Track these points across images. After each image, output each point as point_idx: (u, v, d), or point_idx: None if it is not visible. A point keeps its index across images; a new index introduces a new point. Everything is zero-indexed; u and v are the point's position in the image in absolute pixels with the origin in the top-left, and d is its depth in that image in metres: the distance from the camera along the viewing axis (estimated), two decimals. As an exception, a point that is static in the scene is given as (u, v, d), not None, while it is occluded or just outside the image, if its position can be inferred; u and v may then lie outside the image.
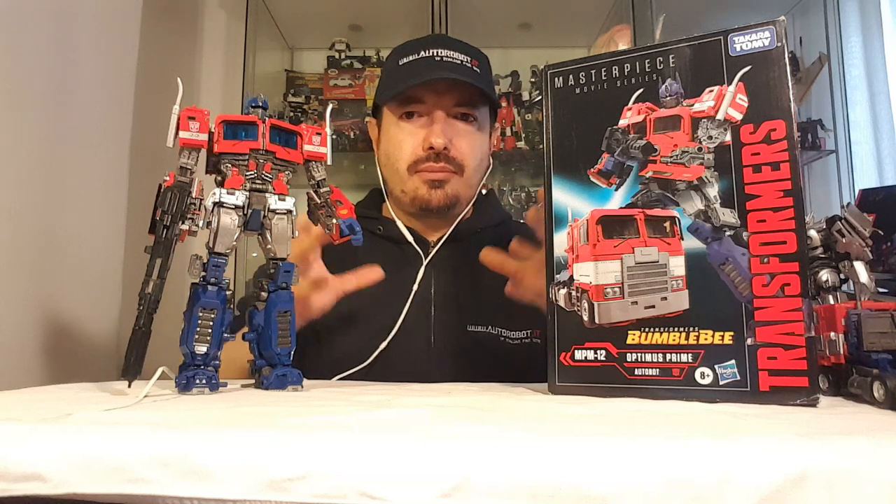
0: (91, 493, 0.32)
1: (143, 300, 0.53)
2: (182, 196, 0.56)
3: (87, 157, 0.98)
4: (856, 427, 0.41)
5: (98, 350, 0.99)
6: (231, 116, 0.60)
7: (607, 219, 0.58)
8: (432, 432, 0.37)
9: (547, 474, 0.31)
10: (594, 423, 0.42)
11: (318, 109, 2.06)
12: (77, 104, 0.95)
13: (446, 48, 0.94)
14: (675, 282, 0.55)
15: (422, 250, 0.95)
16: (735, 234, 0.53)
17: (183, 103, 0.58)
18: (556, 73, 0.62)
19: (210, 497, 0.32)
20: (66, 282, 0.92)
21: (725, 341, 0.52)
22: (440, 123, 0.92)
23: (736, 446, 0.32)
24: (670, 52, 0.58)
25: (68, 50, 0.93)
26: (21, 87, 0.83)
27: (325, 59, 2.12)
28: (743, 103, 0.54)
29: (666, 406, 0.49)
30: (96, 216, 1.02)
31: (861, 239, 0.56)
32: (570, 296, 0.59)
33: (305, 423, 0.39)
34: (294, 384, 0.60)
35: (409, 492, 0.31)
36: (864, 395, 0.51)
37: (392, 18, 2.02)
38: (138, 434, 0.34)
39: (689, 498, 0.30)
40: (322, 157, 0.65)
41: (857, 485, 0.30)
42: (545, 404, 0.52)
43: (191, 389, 0.54)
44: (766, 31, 0.54)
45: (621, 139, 0.58)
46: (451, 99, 0.93)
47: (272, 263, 0.62)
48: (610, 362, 0.56)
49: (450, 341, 0.91)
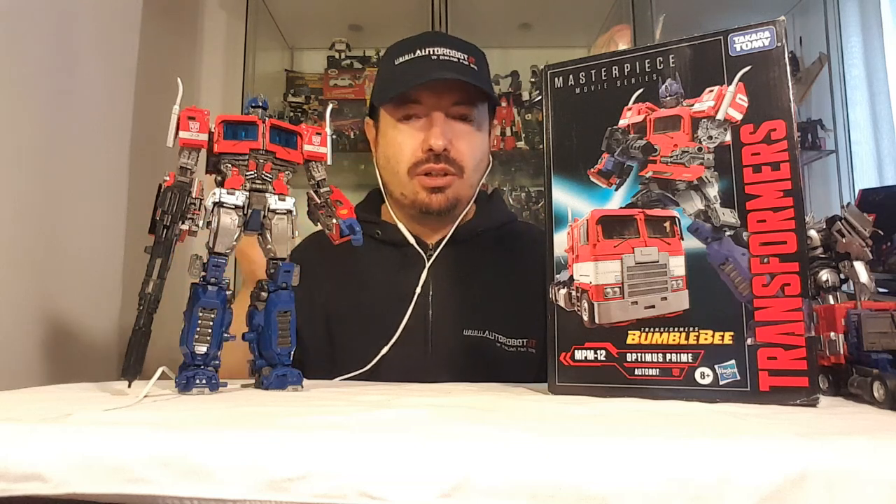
0: (91, 493, 0.32)
1: (143, 300, 0.53)
2: (182, 196, 0.56)
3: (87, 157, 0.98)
4: (856, 427, 0.41)
5: (98, 350, 0.99)
6: (231, 116, 0.60)
7: (607, 219, 0.58)
8: (432, 432, 0.37)
9: (547, 474, 0.31)
10: (594, 423, 0.42)
11: (318, 109, 2.05)
12: (77, 104, 0.95)
13: (442, 46, 0.93)
14: (675, 282, 0.55)
15: (422, 253, 0.94)
16: (735, 234, 0.53)
17: (183, 103, 0.58)
18: (556, 73, 0.62)
19: (210, 497, 0.32)
20: (66, 282, 0.92)
21: (725, 341, 0.52)
22: (439, 125, 0.91)
23: (736, 446, 0.32)
24: (670, 52, 0.58)
25: (68, 50, 0.93)
26: (21, 87, 0.83)
27: (325, 59, 2.12)
28: (743, 103, 0.54)
29: (666, 406, 0.49)
30: (96, 216, 1.03)
31: (861, 239, 0.57)
32: (570, 296, 0.59)
33: (305, 423, 0.39)
34: (294, 384, 0.60)
35: (409, 492, 0.31)
36: (864, 395, 0.51)
37: (392, 18, 2.02)
38: (138, 434, 0.34)
39: (689, 498, 0.30)
40: (322, 157, 0.65)
41: (857, 485, 0.30)
42: (545, 404, 0.52)
43: (191, 389, 0.54)
44: (766, 31, 0.54)
45: (621, 139, 0.58)
46: (450, 99, 0.92)
47: (272, 263, 0.62)
48: (610, 362, 0.56)
49: (446, 345, 0.90)
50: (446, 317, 0.91)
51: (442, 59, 0.91)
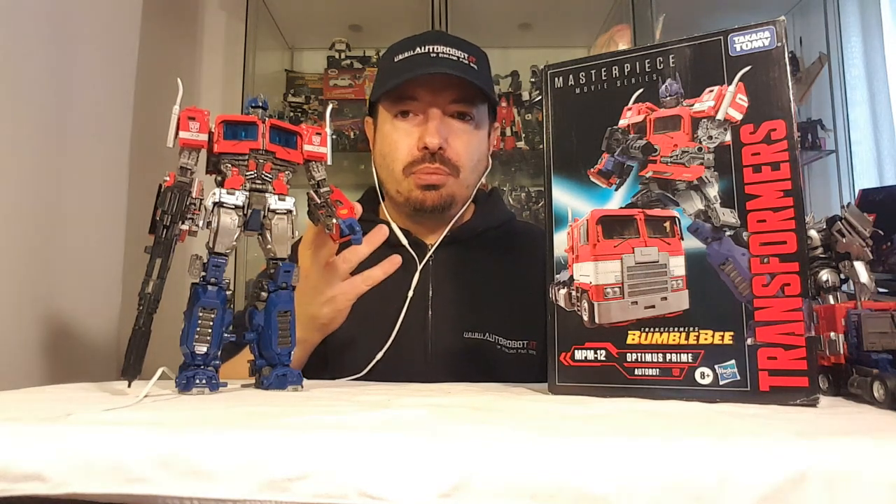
0: (91, 493, 0.32)
1: (143, 300, 0.53)
2: (182, 196, 0.56)
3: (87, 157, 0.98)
4: (856, 427, 0.41)
5: (98, 350, 0.99)
6: (231, 116, 0.60)
7: (607, 219, 0.58)
8: (432, 432, 0.37)
9: (547, 474, 0.31)
10: (594, 424, 0.42)
11: (318, 109, 2.06)
12: (77, 104, 0.95)
13: (443, 45, 0.92)
14: (675, 282, 0.55)
15: (420, 253, 0.94)
16: (735, 234, 0.53)
17: (183, 103, 0.58)
18: (556, 73, 0.62)
19: (210, 497, 0.32)
20: (66, 282, 0.92)
21: (725, 341, 0.52)
22: (435, 122, 0.89)
23: (736, 446, 0.32)
24: (670, 52, 0.58)
25: (68, 50, 0.93)
26: (21, 88, 0.83)
27: (325, 59, 2.12)
28: (743, 103, 0.54)
29: (666, 406, 0.49)
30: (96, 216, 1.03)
31: (861, 239, 0.57)
32: (570, 296, 0.59)
33: (305, 423, 0.39)
34: (294, 384, 0.60)
35: (409, 492, 0.31)
36: (864, 395, 0.51)
37: (392, 18, 2.02)
38: (138, 434, 0.34)
39: (689, 498, 0.30)
40: (322, 157, 0.65)
41: (857, 485, 0.30)
42: (545, 404, 0.52)
43: (191, 389, 0.54)
44: (766, 31, 0.54)
45: (621, 139, 0.58)
46: (448, 96, 0.91)
47: (272, 263, 0.62)
48: (610, 362, 0.56)
49: (446, 348, 0.89)
50: (446, 319, 0.91)
51: (441, 57, 0.90)
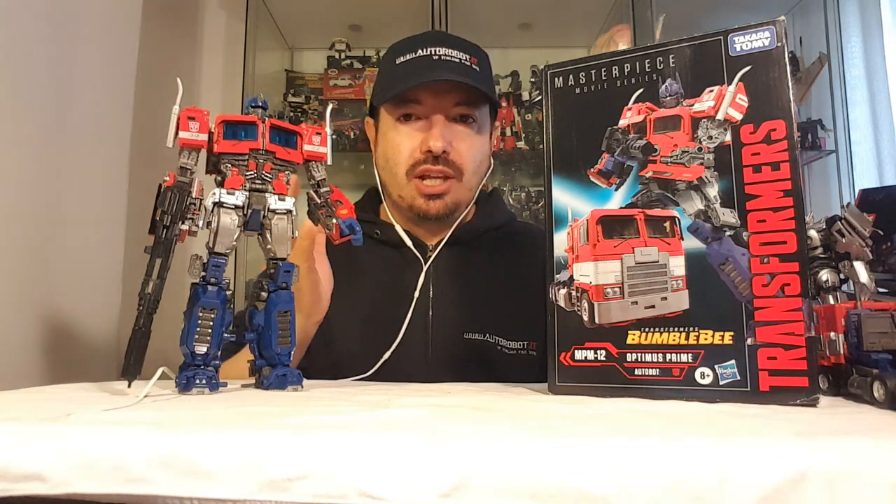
0: (91, 493, 0.32)
1: (143, 300, 0.53)
2: (182, 196, 0.56)
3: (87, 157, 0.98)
4: (856, 427, 0.41)
5: (98, 350, 0.99)
6: (231, 116, 0.60)
7: (607, 219, 0.58)
8: (432, 432, 0.37)
9: (548, 474, 0.31)
10: (594, 424, 0.42)
11: (318, 109, 2.05)
12: (77, 104, 0.95)
13: (444, 46, 0.91)
14: (675, 282, 0.55)
15: (421, 254, 0.94)
16: (735, 234, 0.53)
17: (183, 103, 0.58)
18: (556, 73, 0.62)
19: (210, 497, 0.32)
20: (66, 282, 0.92)
21: (725, 341, 0.52)
22: (439, 126, 0.89)
23: (736, 446, 0.32)
24: (670, 52, 0.58)
25: (68, 50, 0.93)
26: (21, 88, 0.83)
27: (325, 59, 2.12)
28: (743, 103, 0.54)
29: (666, 406, 0.49)
30: (96, 216, 1.03)
31: (861, 239, 0.57)
32: (570, 296, 0.59)
33: (305, 423, 0.39)
34: (294, 384, 0.60)
35: (409, 492, 0.31)
36: (864, 395, 0.51)
37: (392, 18, 2.02)
38: (138, 434, 0.34)
39: (689, 498, 0.30)
40: (322, 157, 0.65)
41: (857, 485, 0.30)
42: (545, 404, 0.52)
43: (191, 389, 0.54)
44: (766, 31, 0.54)
45: (621, 139, 0.58)
46: (450, 100, 0.91)
47: (272, 263, 0.62)
48: (610, 362, 0.56)
49: (447, 349, 0.89)
50: (446, 319, 0.91)
51: (443, 59, 0.90)
